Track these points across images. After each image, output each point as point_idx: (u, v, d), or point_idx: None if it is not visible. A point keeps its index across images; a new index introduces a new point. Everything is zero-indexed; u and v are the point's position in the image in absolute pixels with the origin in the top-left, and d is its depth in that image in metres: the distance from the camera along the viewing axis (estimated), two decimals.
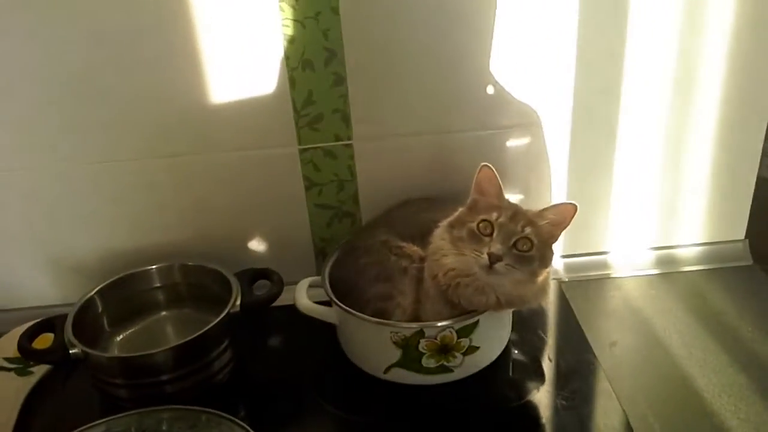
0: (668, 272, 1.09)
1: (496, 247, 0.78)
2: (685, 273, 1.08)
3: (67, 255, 1.06)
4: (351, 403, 0.88)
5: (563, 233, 0.82)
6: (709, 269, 1.08)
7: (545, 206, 0.82)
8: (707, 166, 1.06)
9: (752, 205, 1.08)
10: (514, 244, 0.79)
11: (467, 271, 0.81)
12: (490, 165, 0.82)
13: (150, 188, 1.02)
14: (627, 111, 1.01)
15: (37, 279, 1.07)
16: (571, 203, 0.80)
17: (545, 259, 0.82)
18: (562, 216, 0.81)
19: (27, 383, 0.93)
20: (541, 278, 0.83)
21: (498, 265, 0.78)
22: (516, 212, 0.81)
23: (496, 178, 0.82)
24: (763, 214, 1.08)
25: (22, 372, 0.95)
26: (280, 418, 0.88)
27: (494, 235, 0.79)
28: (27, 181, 1.00)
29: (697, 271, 1.09)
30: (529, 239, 0.79)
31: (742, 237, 1.10)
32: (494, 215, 0.80)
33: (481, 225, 0.80)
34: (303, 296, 0.91)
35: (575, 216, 0.80)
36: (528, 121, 1.00)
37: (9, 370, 0.95)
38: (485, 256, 0.78)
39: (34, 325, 0.89)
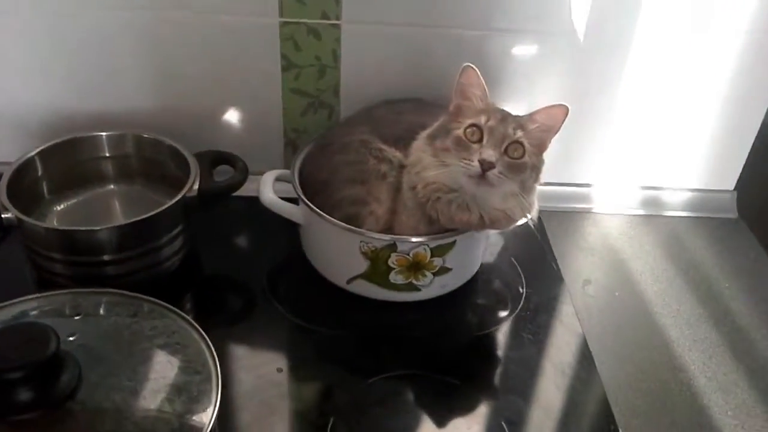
0: (651, 214, 1.04)
1: (488, 153, 0.71)
2: (668, 217, 1.04)
3: (8, 109, 0.95)
4: (307, 309, 0.82)
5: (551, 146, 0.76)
6: (693, 217, 1.04)
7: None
8: (709, 111, 0.99)
9: (747, 158, 1.03)
10: (506, 150, 0.72)
11: (452, 184, 0.74)
12: (473, 65, 0.74)
13: (108, 45, 0.91)
14: (640, 40, 0.92)
15: None
16: (561, 105, 0.73)
17: (537, 169, 0.75)
18: (553, 119, 0.74)
19: None
20: (530, 193, 0.76)
21: (490, 173, 0.71)
22: (505, 115, 0.74)
23: (480, 78, 0.74)
24: (755, 167, 1.04)
25: None
26: (229, 315, 0.82)
27: (484, 140, 0.72)
28: None
29: (680, 217, 1.04)
30: (521, 144, 0.72)
31: (732, 188, 1.06)
32: (482, 119, 0.73)
33: (468, 131, 0.73)
34: (268, 189, 0.83)
35: (566, 120, 0.73)
36: (537, 28, 0.91)
37: None
38: (476, 163, 0.71)
39: None
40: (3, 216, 0.75)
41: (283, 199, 0.84)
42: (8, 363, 0.54)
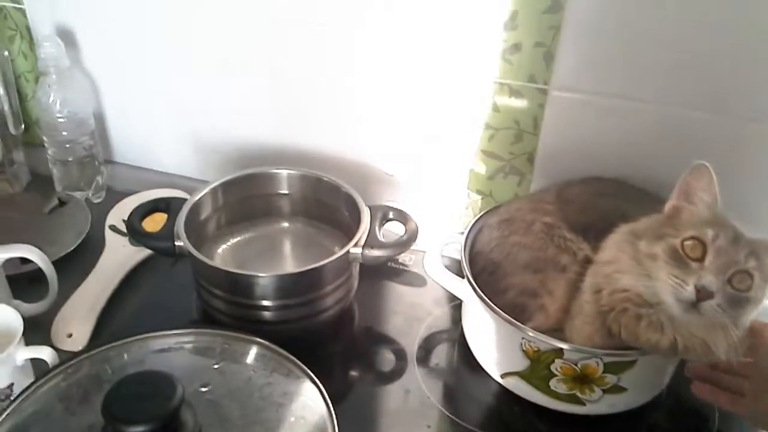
0: None
1: (709, 280, 0.58)
2: None
3: (210, 134, 1.01)
4: (452, 393, 0.75)
5: None
6: None
7: None
8: None
9: None
10: (730, 279, 0.59)
11: (650, 299, 0.63)
12: (708, 164, 0.61)
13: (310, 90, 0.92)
14: None
15: (176, 147, 1.04)
16: None
17: (759, 303, 0.61)
18: None
19: (137, 254, 0.89)
20: (742, 328, 0.62)
21: (706, 305, 0.59)
22: (737, 235, 0.61)
23: (714, 182, 0.62)
24: None
25: (134, 242, 0.90)
26: (369, 379, 0.77)
27: (707, 261, 0.59)
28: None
29: None
30: (750, 275, 0.59)
31: None
32: (709, 233, 0.60)
33: (687, 243, 0.60)
34: (436, 259, 0.78)
35: None
36: None
37: (124, 234, 0.91)
38: (691, 288, 0.59)
39: (150, 202, 0.82)
40: (176, 243, 0.76)
41: (448, 261, 0.79)
42: (127, 415, 0.53)
